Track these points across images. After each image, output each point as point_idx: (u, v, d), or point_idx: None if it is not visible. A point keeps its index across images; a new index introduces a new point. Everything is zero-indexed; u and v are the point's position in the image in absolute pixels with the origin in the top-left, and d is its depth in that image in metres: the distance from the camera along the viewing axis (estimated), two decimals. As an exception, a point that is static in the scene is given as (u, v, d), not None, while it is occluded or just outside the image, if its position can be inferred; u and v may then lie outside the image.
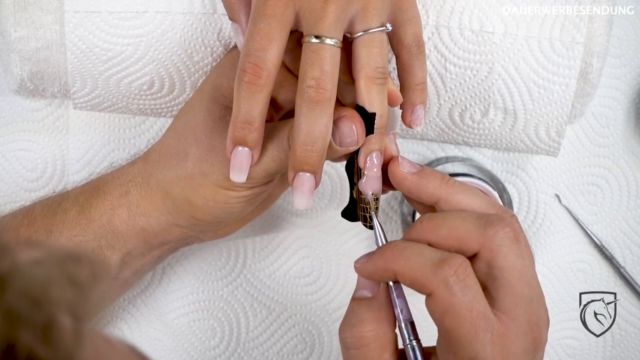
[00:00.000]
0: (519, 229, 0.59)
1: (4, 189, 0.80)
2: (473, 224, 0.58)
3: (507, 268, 0.57)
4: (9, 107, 0.79)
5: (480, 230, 0.58)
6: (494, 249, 0.57)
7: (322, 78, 0.59)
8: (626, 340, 0.84)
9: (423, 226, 0.59)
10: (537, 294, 0.58)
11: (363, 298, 0.61)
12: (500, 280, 0.57)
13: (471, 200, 0.60)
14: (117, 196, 0.69)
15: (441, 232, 0.58)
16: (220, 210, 0.67)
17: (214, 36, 0.69)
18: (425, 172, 0.62)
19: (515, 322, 0.57)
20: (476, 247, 0.58)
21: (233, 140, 0.61)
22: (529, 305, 0.57)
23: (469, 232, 0.58)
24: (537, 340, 0.58)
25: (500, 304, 0.57)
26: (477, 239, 0.58)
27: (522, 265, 0.58)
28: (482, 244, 0.57)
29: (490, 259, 0.57)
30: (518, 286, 0.57)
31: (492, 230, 0.57)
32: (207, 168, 0.66)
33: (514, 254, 0.57)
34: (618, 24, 0.80)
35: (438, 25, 0.70)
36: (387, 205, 0.83)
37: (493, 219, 0.58)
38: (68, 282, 0.37)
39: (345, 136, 0.61)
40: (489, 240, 0.57)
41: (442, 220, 0.59)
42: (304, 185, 0.61)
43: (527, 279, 0.58)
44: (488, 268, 0.57)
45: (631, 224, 0.83)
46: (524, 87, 0.70)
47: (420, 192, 0.61)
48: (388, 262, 0.58)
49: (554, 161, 0.82)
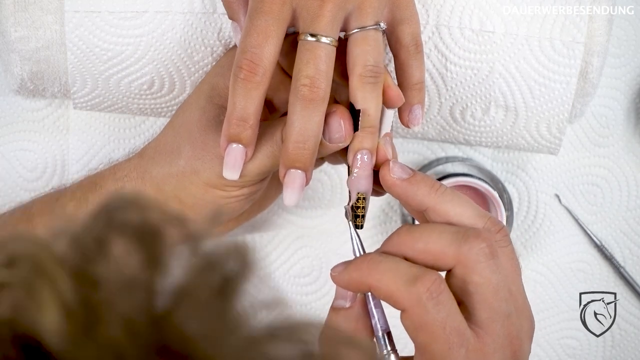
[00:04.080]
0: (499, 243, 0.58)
1: (4, 189, 0.80)
2: (449, 239, 0.58)
3: (482, 284, 0.57)
4: (9, 107, 0.79)
5: (455, 246, 0.57)
6: (469, 265, 0.57)
7: (316, 77, 0.59)
8: (626, 340, 0.84)
9: (400, 239, 0.59)
10: (518, 307, 0.58)
11: (341, 308, 0.61)
12: (475, 296, 0.57)
13: (460, 210, 0.60)
14: (112, 191, 0.69)
15: (417, 246, 0.58)
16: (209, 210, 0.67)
17: (214, 36, 0.70)
18: (415, 178, 0.61)
19: (493, 336, 0.57)
20: (452, 262, 0.58)
21: (227, 137, 0.61)
22: (507, 320, 0.57)
23: (445, 247, 0.57)
24: (516, 353, 0.58)
25: (477, 319, 0.57)
26: (453, 255, 0.57)
27: (497, 280, 0.57)
28: (458, 260, 0.57)
29: (465, 275, 0.57)
30: (494, 302, 0.57)
31: (467, 246, 0.57)
32: (198, 166, 0.66)
33: (489, 269, 0.57)
34: (618, 24, 0.80)
35: (438, 24, 0.70)
36: (387, 205, 0.83)
37: (469, 234, 0.58)
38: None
39: (333, 132, 0.62)
40: (463, 256, 0.57)
41: (419, 234, 0.59)
42: (295, 182, 0.61)
43: (503, 294, 0.57)
44: (463, 284, 0.57)
45: (631, 224, 0.83)
46: (525, 85, 0.71)
47: (409, 199, 0.61)
48: (363, 276, 0.58)
49: (554, 161, 0.82)
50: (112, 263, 0.35)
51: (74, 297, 0.33)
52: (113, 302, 0.34)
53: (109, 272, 0.35)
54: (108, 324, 0.33)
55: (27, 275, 0.34)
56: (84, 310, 0.33)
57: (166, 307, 0.35)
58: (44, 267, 0.34)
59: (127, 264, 0.35)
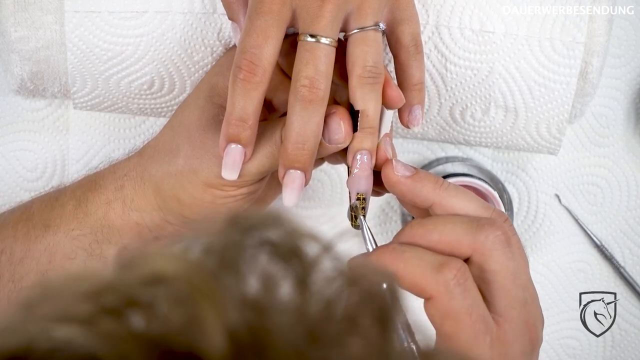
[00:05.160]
0: (510, 232, 0.58)
1: (4, 189, 0.80)
2: (464, 228, 0.58)
3: (500, 271, 0.57)
4: (9, 107, 0.79)
5: (471, 234, 0.58)
6: (486, 253, 0.57)
7: (316, 77, 0.59)
8: (626, 340, 0.84)
9: (414, 231, 0.59)
10: (531, 295, 0.59)
11: None
12: (494, 283, 0.57)
13: (465, 204, 0.60)
14: (112, 190, 0.69)
15: (432, 238, 0.58)
16: (207, 210, 0.67)
17: (214, 36, 0.70)
18: (419, 175, 0.61)
19: (512, 324, 0.57)
20: (468, 251, 0.58)
21: (226, 137, 0.61)
22: (524, 307, 0.57)
23: (460, 237, 0.58)
24: (534, 341, 0.58)
25: (496, 307, 0.57)
26: (469, 244, 0.57)
27: (515, 267, 0.58)
28: (474, 248, 0.57)
29: (483, 263, 0.57)
30: (512, 289, 0.57)
31: (483, 234, 0.57)
32: (197, 165, 0.65)
33: (506, 257, 0.57)
34: (618, 24, 0.80)
35: (438, 25, 0.70)
36: (387, 205, 0.83)
37: (484, 223, 0.58)
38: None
39: (333, 132, 0.62)
40: (480, 244, 0.57)
41: (432, 225, 0.59)
42: (294, 183, 0.61)
43: (520, 281, 0.58)
44: (481, 272, 0.57)
45: (631, 224, 0.83)
46: (525, 85, 0.71)
47: (414, 196, 0.61)
48: (386, 265, 0.58)
49: (554, 161, 0.82)
50: (266, 285, 0.34)
51: (238, 320, 0.33)
52: (276, 327, 0.33)
53: (266, 295, 0.34)
54: (276, 350, 0.32)
55: (178, 294, 0.33)
56: (249, 334, 0.33)
57: (331, 333, 0.34)
58: (199, 286, 0.33)
59: (277, 286, 0.34)
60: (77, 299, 0.33)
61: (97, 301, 0.33)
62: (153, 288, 0.33)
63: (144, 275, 0.34)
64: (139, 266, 0.34)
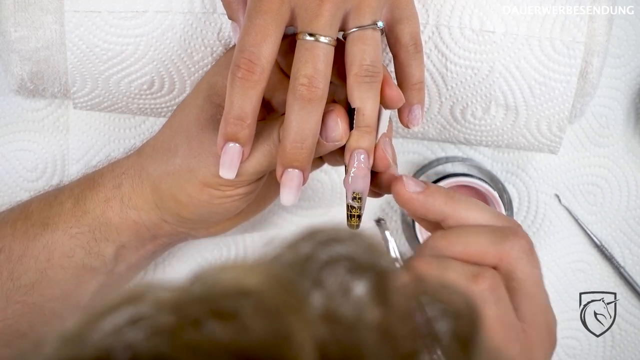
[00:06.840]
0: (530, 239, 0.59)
1: (4, 189, 0.80)
2: (488, 239, 0.58)
3: (527, 280, 0.58)
4: (9, 107, 0.79)
5: (496, 245, 0.58)
6: (512, 262, 0.58)
7: (314, 76, 0.59)
8: (626, 340, 0.84)
9: (436, 243, 0.59)
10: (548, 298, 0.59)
11: None
12: (521, 291, 0.57)
13: (478, 215, 0.60)
14: (110, 188, 0.69)
15: (456, 249, 0.58)
16: (204, 210, 0.67)
17: (213, 36, 0.70)
18: (430, 190, 0.61)
19: (538, 330, 0.57)
20: (493, 261, 0.58)
21: (224, 136, 0.61)
22: (546, 312, 0.58)
23: (485, 247, 0.58)
24: (553, 344, 0.59)
25: (523, 314, 0.57)
26: (494, 254, 0.58)
27: (537, 274, 0.58)
28: (500, 258, 0.58)
29: (510, 272, 0.58)
30: (537, 296, 0.58)
31: (509, 244, 0.58)
32: (194, 164, 0.65)
33: (531, 265, 0.58)
34: (618, 24, 0.80)
35: (438, 24, 0.70)
36: (387, 205, 0.83)
37: (507, 233, 0.58)
38: None
39: (330, 130, 0.62)
40: (506, 254, 0.58)
41: (456, 237, 0.59)
42: (292, 182, 0.61)
43: (542, 286, 0.58)
44: (507, 281, 0.58)
45: (631, 224, 0.83)
46: (525, 84, 0.71)
47: (427, 211, 0.61)
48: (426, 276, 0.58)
49: (554, 161, 0.82)
50: (350, 301, 0.34)
51: (327, 335, 0.33)
52: (364, 343, 0.33)
53: (350, 310, 0.34)
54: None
55: (264, 308, 0.33)
56: (338, 350, 0.32)
57: (415, 350, 0.34)
58: (286, 299, 0.33)
59: (361, 301, 0.34)
60: (160, 309, 0.33)
61: (181, 312, 0.33)
62: (237, 301, 0.33)
63: (228, 287, 0.34)
64: (222, 280, 0.34)
